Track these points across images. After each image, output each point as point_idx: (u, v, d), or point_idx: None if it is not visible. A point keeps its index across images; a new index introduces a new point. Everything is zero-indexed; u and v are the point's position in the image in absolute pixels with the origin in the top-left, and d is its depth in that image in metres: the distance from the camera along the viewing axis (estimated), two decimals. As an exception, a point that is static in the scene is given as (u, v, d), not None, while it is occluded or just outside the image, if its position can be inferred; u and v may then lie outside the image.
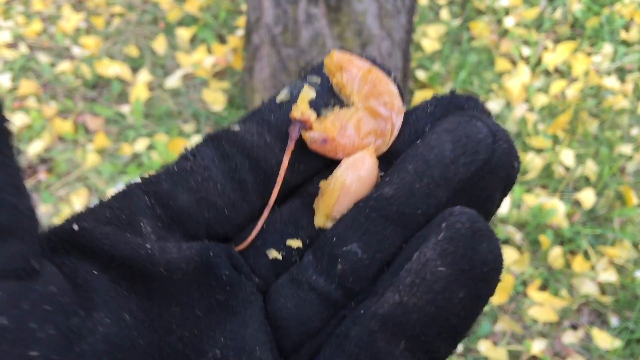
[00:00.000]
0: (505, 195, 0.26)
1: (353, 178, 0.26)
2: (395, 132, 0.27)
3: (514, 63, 1.96)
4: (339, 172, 0.26)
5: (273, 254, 0.27)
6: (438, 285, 0.22)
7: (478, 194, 0.24)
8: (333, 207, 0.26)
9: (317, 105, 0.28)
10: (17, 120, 1.70)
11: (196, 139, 1.11)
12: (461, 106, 0.26)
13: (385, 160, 0.27)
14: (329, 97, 0.28)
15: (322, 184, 0.27)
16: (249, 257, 0.28)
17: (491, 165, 0.24)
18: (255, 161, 0.27)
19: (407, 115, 0.27)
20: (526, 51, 1.97)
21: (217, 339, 0.25)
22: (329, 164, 0.28)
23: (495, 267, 0.23)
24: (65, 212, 1.53)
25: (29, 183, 1.60)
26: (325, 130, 0.27)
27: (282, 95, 0.28)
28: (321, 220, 0.27)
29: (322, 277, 0.25)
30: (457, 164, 0.24)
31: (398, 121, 0.27)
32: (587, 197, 1.58)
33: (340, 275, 0.25)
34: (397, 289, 0.22)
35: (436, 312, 0.22)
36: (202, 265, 0.25)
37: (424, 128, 0.27)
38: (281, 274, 0.27)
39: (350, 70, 0.27)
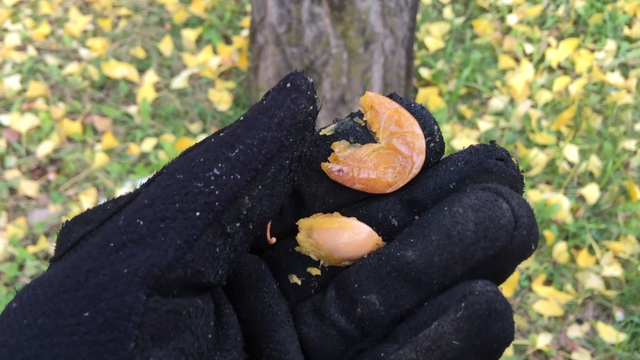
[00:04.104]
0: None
1: (349, 235, 0.29)
2: (415, 171, 0.29)
3: (517, 60, 1.97)
4: (341, 218, 0.29)
5: (294, 279, 0.31)
6: (451, 354, 0.25)
7: (492, 272, 0.27)
8: (318, 232, 0.29)
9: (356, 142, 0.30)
10: (26, 122, 1.72)
11: (202, 139, 1.14)
12: (490, 169, 0.28)
13: (408, 205, 0.29)
14: (368, 136, 0.30)
15: (322, 214, 0.30)
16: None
17: (508, 251, 0.26)
18: (293, 189, 0.30)
19: (437, 167, 0.29)
20: (529, 48, 1.98)
21: (263, 346, 0.29)
22: (358, 200, 0.30)
23: (505, 342, 0.26)
24: (75, 212, 1.55)
25: (38, 183, 1.63)
26: (342, 162, 0.29)
27: (327, 130, 0.30)
28: (301, 235, 0.30)
29: (343, 316, 0.28)
30: (476, 247, 0.26)
31: (418, 161, 0.29)
32: (591, 192, 1.59)
33: (359, 318, 0.28)
34: (414, 349, 0.25)
35: None
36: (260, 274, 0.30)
37: (449, 184, 0.28)
38: (300, 299, 0.31)
39: (379, 109, 0.30)
